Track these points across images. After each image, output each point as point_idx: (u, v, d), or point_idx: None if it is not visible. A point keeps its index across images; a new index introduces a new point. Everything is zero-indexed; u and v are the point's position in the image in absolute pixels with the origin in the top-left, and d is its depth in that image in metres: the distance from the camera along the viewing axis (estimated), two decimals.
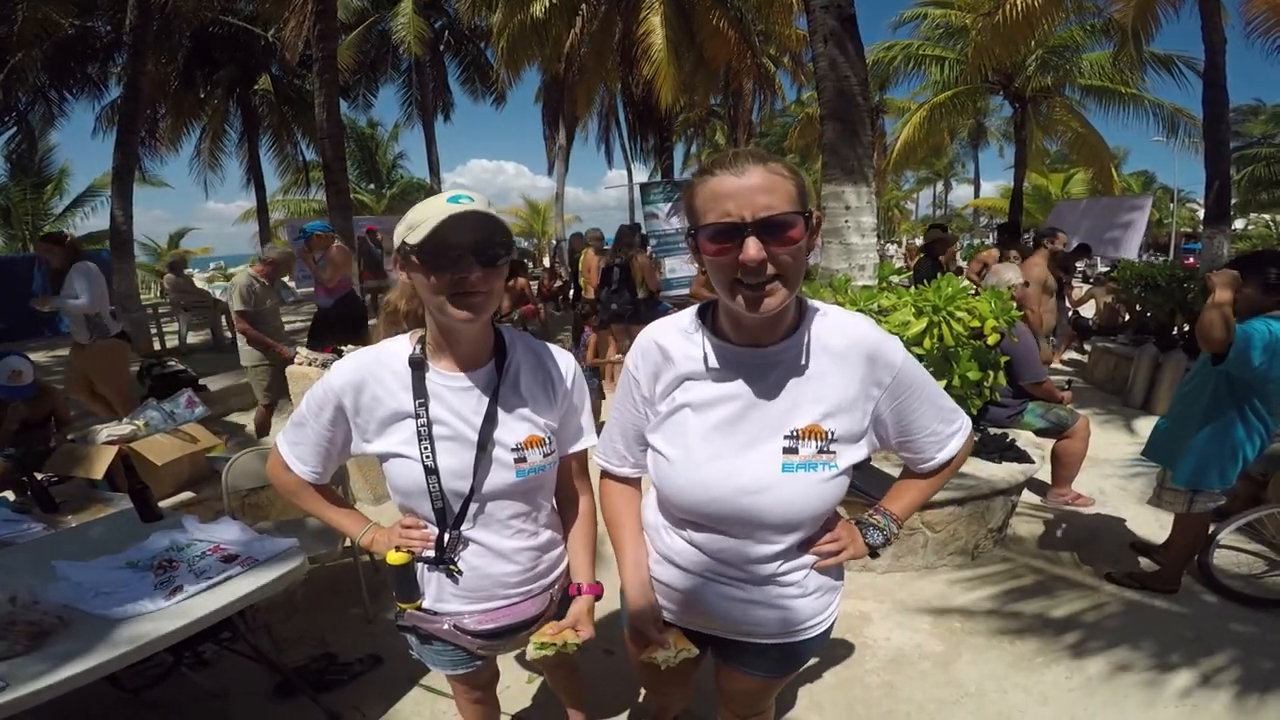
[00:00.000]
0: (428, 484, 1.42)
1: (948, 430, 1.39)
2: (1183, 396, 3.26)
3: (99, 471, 3.23)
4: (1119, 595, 3.37)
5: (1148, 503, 3.49)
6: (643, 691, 2.55)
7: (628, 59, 13.11)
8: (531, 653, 1.55)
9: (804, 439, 1.27)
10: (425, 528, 1.51)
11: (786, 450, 1.27)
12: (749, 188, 1.12)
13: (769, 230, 1.12)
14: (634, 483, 1.57)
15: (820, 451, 1.27)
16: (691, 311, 1.39)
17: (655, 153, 17.49)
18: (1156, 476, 3.34)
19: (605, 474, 1.58)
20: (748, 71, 13.81)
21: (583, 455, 1.68)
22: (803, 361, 1.28)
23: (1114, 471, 4.98)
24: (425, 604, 1.56)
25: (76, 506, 3.03)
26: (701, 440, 1.32)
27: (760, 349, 1.28)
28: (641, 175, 22.68)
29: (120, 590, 2.02)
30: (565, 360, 1.58)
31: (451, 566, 1.50)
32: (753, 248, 1.11)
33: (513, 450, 1.46)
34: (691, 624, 1.51)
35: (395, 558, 1.48)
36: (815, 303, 1.34)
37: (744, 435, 1.29)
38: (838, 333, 1.29)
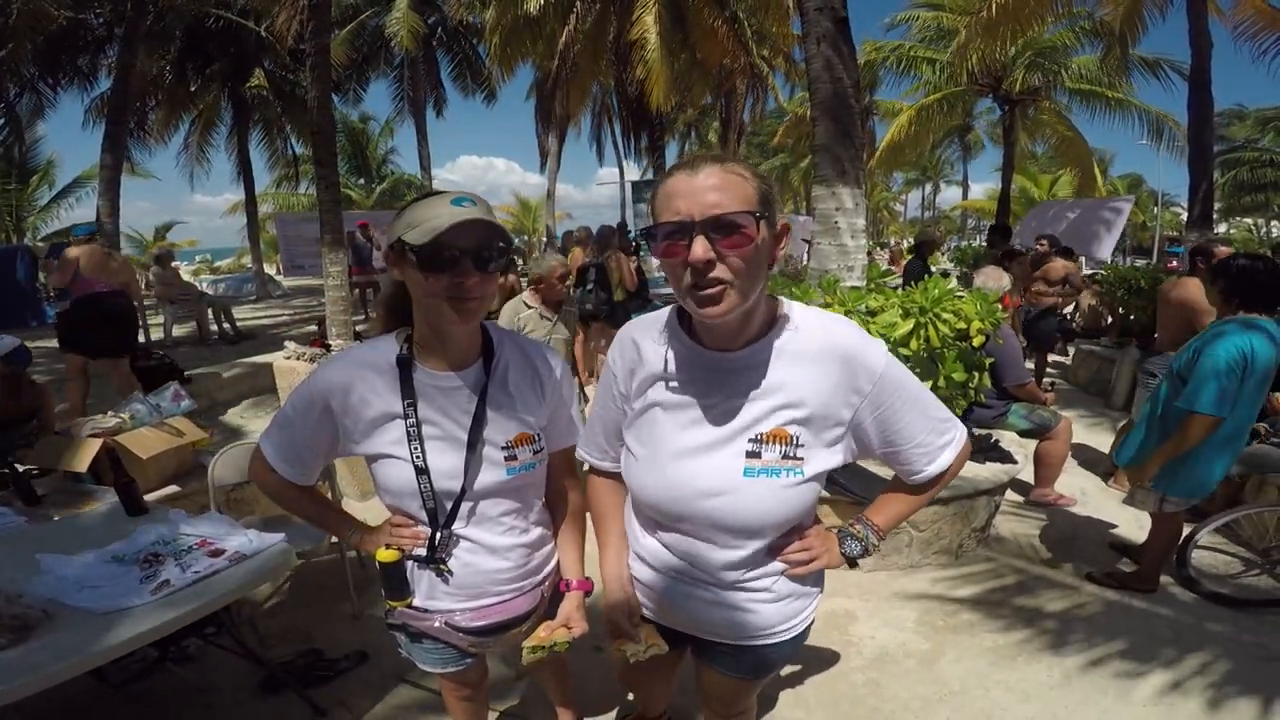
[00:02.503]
0: (419, 484, 1.42)
1: (939, 441, 1.32)
2: (1151, 404, 3.29)
3: (83, 464, 3.20)
4: (1099, 595, 3.41)
5: (1123, 502, 3.54)
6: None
7: (622, 57, 13.10)
8: (526, 658, 1.57)
9: (768, 443, 1.24)
10: (415, 526, 1.50)
11: (749, 454, 1.25)
12: (700, 186, 1.10)
13: (717, 229, 1.09)
14: (617, 477, 1.55)
15: (785, 457, 1.24)
16: (671, 311, 1.37)
17: (648, 151, 17.47)
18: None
19: (591, 468, 1.60)
20: (741, 71, 13.83)
21: (571, 452, 1.68)
22: (773, 365, 1.24)
23: (1095, 472, 5.03)
24: (416, 602, 1.55)
25: (60, 500, 3.00)
26: (667, 440, 1.31)
27: (730, 352, 1.25)
28: (633, 173, 22.70)
29: (105, 584, 2.01)
30: (552, 358, 1.59)
31: (442, 565, 1.50)
32: (699, 247, 1.08)
33: (503, 449, 1.46)
34: (667, 622, 1.52)
35: (385, 555, 1.47)
36: (792, 305, 1.31)
37: (709, 437, 1.28)
38: (814, 336, 1.25)
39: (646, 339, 1.37)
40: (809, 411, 1.24)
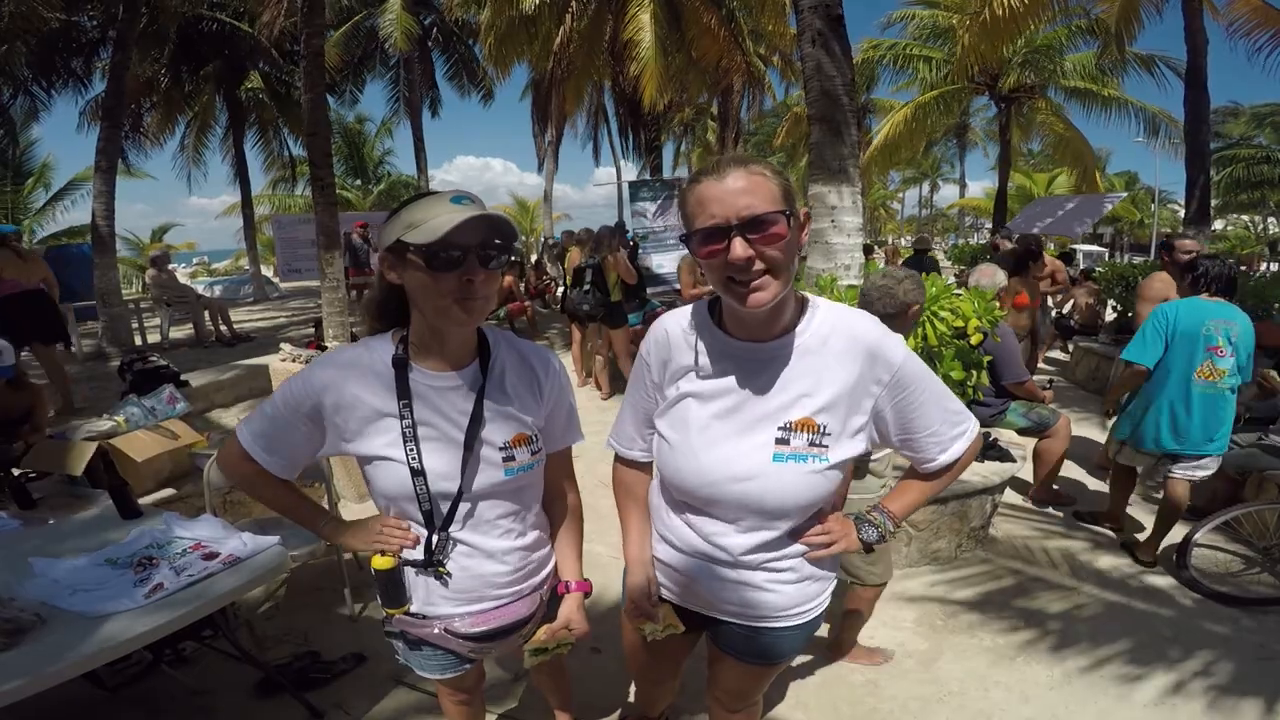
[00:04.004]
0: (414, 486, 1.40)
1: (951, 432, 1.41)
2: None
3: (78, 468, 3.18)
4: (1098, 595, 3.40)
5: (1111, 453, 4.02)
6: (631, 690, 2.55)
7: (618, 57, 13.08)
8: (528, 660, 1.58)
9: (796, 431, 1.32)
10: (407, 526, 1.48)
11: (779, 441, 1.33)
12: (731, 191, 1.19)
13: (753, 228, 1.18)
14: (644, 466, 1.63)
15: (811, 444, 1.32)
16: (701, 305, 1.44)
17: (645, 151, 17.45)
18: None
19: (617, 457, 1.65)
20: (737, 70, 13.81)
21: (568, 453, 1.68)
22: (800, 357, 1.33)
23: (1094, 470, 5.02)
24: (414, 608, 1.53)
25: (55, 503, 2.98)
26: (700, 427, 1.38)
27: (760, 344, 1.34)
28: (630, 173, 22.66)
29: (99, 588, 1.99)
30: (548, 358, 1.58)
31: (440, 569, 1.48)
32: (739, 247, 1.17)
33: (500, 449, 1.45)
34: (688, 604, 1.58)
35: (381, 562, 1.46)
36: (817, 300, 1.38)
37: (740, 425, 1.35)
38: (837, 330, 1.34)
39: (678, 331, 1.44)
40: (834, 400, 1.32)
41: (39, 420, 4.11)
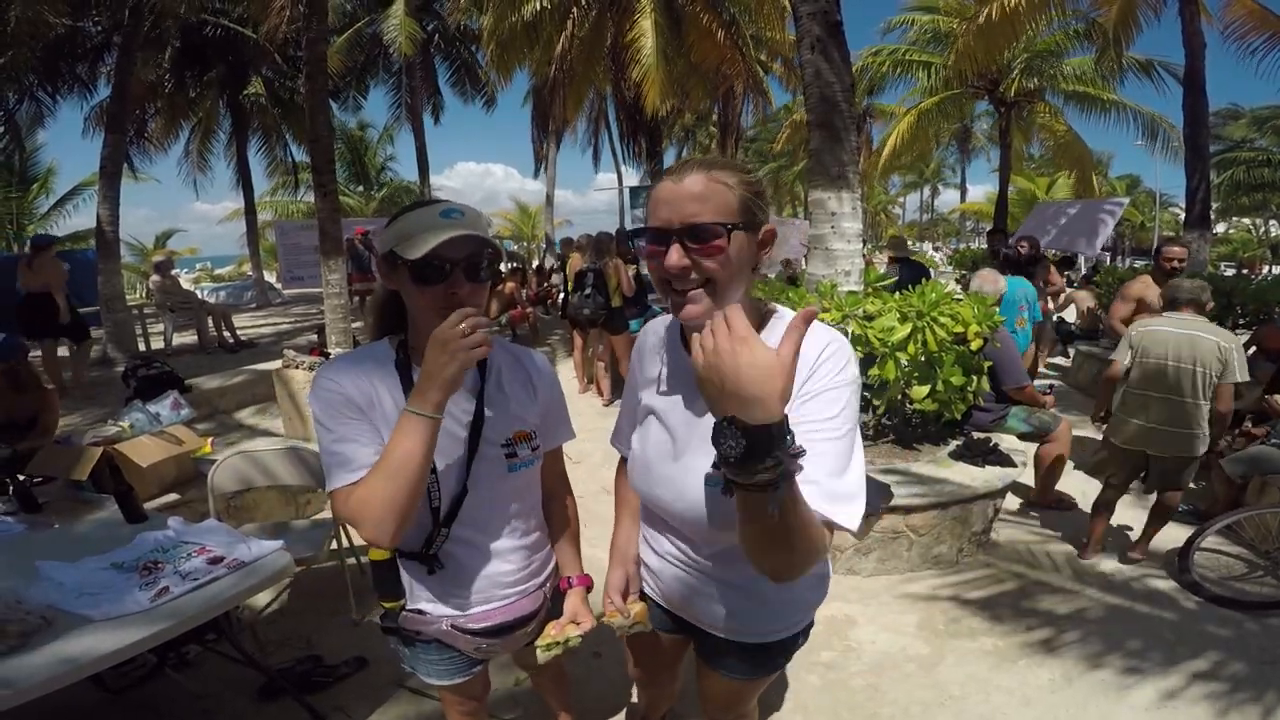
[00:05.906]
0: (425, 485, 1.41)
1: (845, 490, 1.12)
2: None
3: (83, 472, 3.20)
4: (1100, 599, 3.40)
5: None
6: (632, 694, 2.56)
7: (619, 62, 13.12)
8: (540, 656, 1.59)
9: None
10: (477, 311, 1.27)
11: (715, 464, 1.14)
12: (682, 194, 1.15)
13: (693, 237, 1.14)
14: None
15: None
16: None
17: (646, 156, 17.48)
18: None
19: (622, 458, 1.68)
20: (738, 75, 13.84)
21: (559, 452, 1.72)
22: None
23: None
24: (422, 605, 1.54)
25: (60, 508, 3.00)
26: (655, 440, 1.38)
27: None
28: (631, 178, 22.69)
29: (105, 591, 2.01)
30: (539, 359, 1.63)
31: (434, 563, 1.49)
32: (674, 254, 1.15)
33: (503, 446, 1.48)
34: (674, 611, 1.58)
35: (377, 554, 1.47)
36: (784, 311, 1.31)
37: (685, 440, 1.31)
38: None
39: (654, 340, 1.46)
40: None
41: (47, 424, 4.14)
